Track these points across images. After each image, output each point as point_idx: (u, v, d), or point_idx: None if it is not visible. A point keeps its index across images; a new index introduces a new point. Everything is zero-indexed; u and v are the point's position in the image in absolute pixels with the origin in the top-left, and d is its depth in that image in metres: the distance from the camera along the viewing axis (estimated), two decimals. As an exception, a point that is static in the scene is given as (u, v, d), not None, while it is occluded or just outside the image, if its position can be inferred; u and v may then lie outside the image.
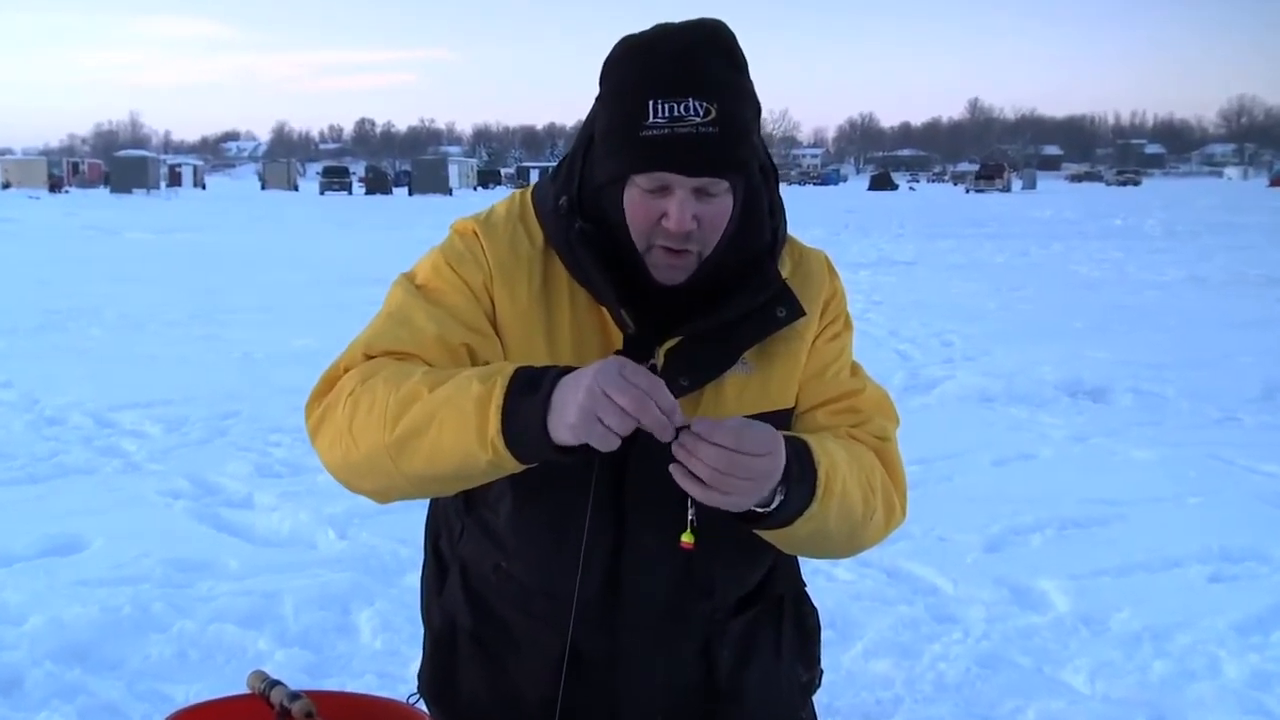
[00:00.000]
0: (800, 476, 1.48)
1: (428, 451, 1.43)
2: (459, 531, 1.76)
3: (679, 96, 1.49)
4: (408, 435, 1.43)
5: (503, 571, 1.70)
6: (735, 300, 1.59)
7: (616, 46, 1.58)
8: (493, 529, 1.69)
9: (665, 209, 1.52)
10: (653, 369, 1.56)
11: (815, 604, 1.88)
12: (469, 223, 1.69)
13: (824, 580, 4.01)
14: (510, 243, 1.64)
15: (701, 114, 1.49)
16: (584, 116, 1.65)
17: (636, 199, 1.54)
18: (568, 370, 1.38)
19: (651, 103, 1.49)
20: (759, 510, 1.47)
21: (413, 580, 4.02)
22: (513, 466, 1.41)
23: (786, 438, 1.46)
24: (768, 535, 1.55)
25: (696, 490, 1.37)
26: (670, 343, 1.59)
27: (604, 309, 1.60)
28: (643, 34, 1.57)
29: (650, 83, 1.50)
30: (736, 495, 1.38)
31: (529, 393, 1.36)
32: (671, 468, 1.37)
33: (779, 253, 1.68)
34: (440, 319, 1.59)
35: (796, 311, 1.63)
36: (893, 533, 1.71)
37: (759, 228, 1.63)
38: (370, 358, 1.57)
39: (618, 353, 1.57)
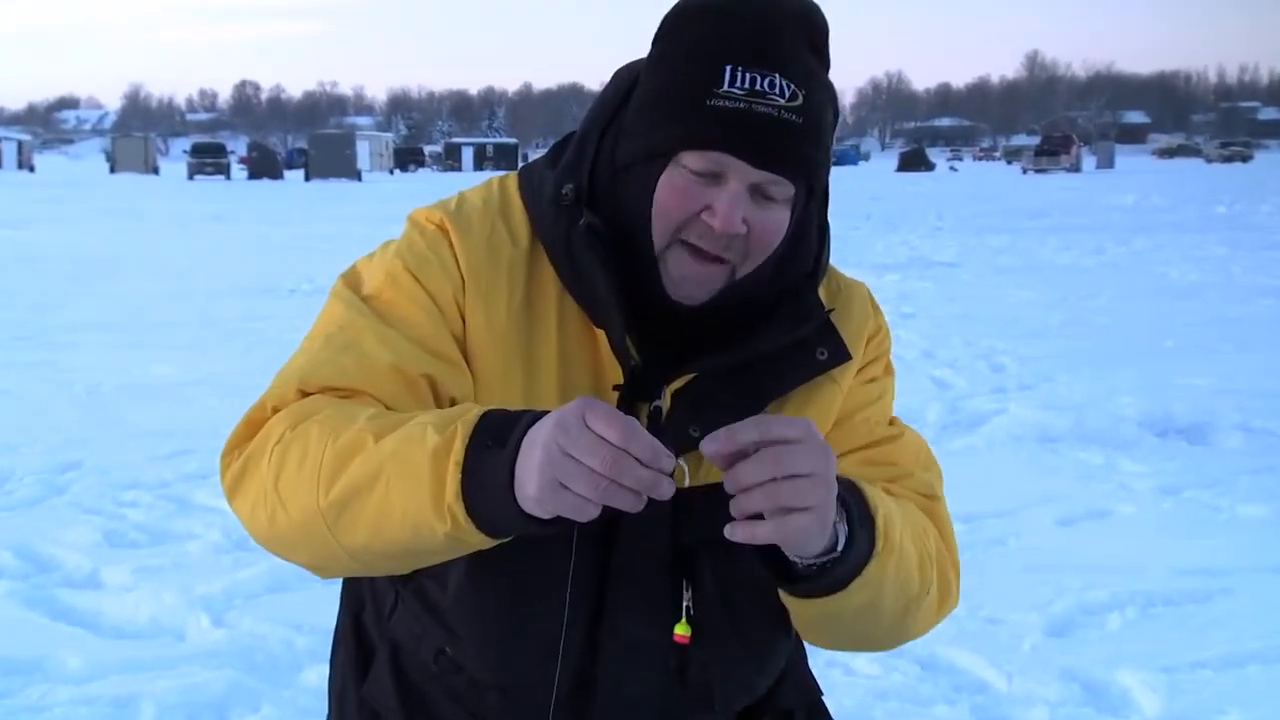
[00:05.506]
0: (860, 519, 1.48)
1: (372, 519, 1.43)
2: (391, 605, 1.76)
3: (764, 69, 1.53)
4: (347, 497, 1.43)
5: (447, 659, 1.70)
6: (768, 333, 1.62)
7: (683, 3, 1.61)
8: (436, 604, 1.69)
9: (710, 201, 1.55)
10: (656, 413, 1.59)
11: (830, 706, 1.90)
12: (435, 213, 1.69)
13: (841, 674, 4.04)
14: (488, 243, 1.65)
15: (787, 96, 1.53)
16: (538, 80, 1.70)
17: (677, 181, 1.55)
18: (543, 415, 1.36)
19: (729, 68, 1.53)
20: (815, 563, 1.46)
21: (311, 679, 4.05)
22: (477, 542, 1.40)
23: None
24: (810, 608, 1.54)
25: (773, 530, 1.34)
26: (680, 381, 1.61)
27: (600, 333, 1.61)
28: None
29: (730, 45, 1.54)
30: (815, 502, 1.35)
31: (496, 446, 1.35)
32: (728, 531, 1.34)
33: (819, 282, 1.71)
34: (396, 343, 1.59)
35: (841, 355, 1.67)
36: (942, 622, 1.74)
37: (805, 252, 1.67)
38: (306, 394, 1.56)
39: (617, 387, 1.59)
